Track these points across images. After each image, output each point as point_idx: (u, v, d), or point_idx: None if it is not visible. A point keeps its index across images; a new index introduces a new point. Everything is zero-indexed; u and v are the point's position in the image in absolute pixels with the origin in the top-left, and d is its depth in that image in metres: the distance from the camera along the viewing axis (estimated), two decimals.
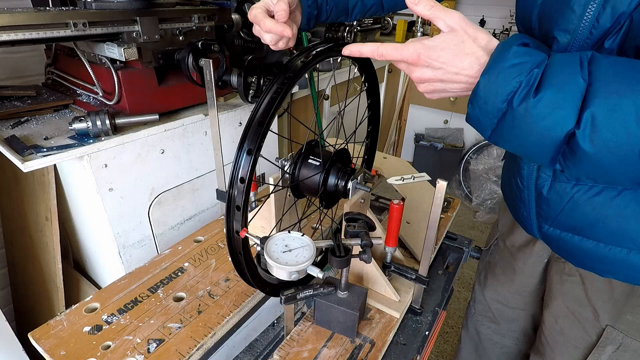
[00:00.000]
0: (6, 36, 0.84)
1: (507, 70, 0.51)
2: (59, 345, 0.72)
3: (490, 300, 1.11)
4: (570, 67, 0.49)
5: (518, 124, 0.52)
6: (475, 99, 0.54)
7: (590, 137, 0.47)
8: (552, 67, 0.50)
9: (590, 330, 0.82)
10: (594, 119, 0.47)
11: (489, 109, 0.53)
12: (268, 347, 0.86)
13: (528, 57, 0.51)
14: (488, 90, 0.52)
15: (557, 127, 0.49)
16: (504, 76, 0.51)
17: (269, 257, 0.64)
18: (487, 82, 0.52)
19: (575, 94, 0.48)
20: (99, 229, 1.16)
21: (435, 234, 0.77)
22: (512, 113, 0.51)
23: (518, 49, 0.51)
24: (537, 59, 0.51)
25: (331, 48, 0.71)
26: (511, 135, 0.53)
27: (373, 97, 0.94)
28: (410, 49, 0.56)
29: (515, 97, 0.50)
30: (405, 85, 3.15)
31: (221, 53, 1.16)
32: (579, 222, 0.72)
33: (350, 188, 0.79)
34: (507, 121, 0.52)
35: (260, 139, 0.61)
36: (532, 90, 0.49)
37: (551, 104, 0.49)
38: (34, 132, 1.04)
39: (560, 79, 0.49)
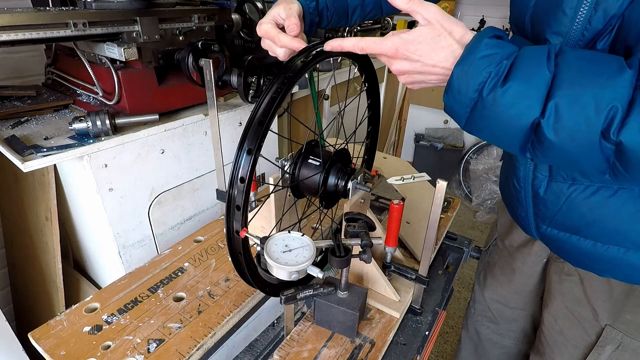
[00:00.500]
0: (6, 36, 0.84)
1: (478, 61, 0.52)
2: (59, 345, 0.72)
3: (489, 300, 1.11)
4: (538, 59, 0.51)
5: (487, 113, 0.54)
6: (450, 90, 0.56)
7: (554, 126, 0.49)
8: (520, 59, 0.52)
9: (589, 329, 0.82)
10: (557, 108, 0.49)
11: (462, 98, 0.55)
12: (268, 347, 0.86)
13: (499, 49, 0.53)
14: (461, 81, 0.54)
15: (523, 116, 0.51)
16: (475, 67, 0.53)
17: (269, 257, 0.64)
18: (460, 72, 0.54)
19: (540, 84, 0.50)
20: (99, 229, 1.16)
21: (435, 234, 0.77)
22: (482, 102, 0.53)
23: (489, 41, 0.53)
24: (507, 51, 0.52)
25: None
26: (482, 123, 0.55)
27: (373, 97, 0.94)
28: (389, 43, 0.58)
29: (485, 87, 0.52)
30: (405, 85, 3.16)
31: (221, 53, 1.16)
32: (576, 222, 0.72)
33: (350, 188, 0.79)
34: (478, 110, 0.54)
35: (260, 139, 0.61)
36: (500, 81, 0.51)
37: (517, 94, 0.51)
38: (34, 132, 1.04)
39: (528, 70, 0.51)
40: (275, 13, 0.76)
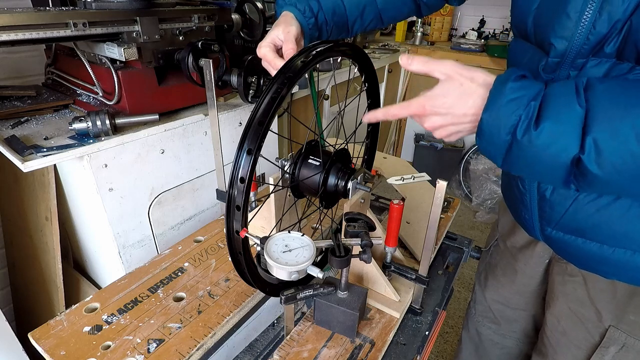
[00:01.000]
0: (6, 36, 0.84)
1: (506, 105, 0.53)
2: (59, 345, 0.72)
3: (490, 300, 1.11)
4: (567, 96, 0.52)
5: (525, 154, 0.54)
6: (481, 134, 0.57)
7: (596, 161, 0.49)
8: (549, 98, 0.52)
9: (593, 330, 0.81)
10: (596, 143, 0.49)
11: (496, 141, 0.56)
12: (268, 347, 0.85)
13: (524, 90, 0.53)
14: (491, 126, 0.55)
15: (562, 153, 0.51)
16: (504, 111, 0.53)
17: (269, 257, 0.64)
18: (489, 117, 0.55)
19: (574, 121, 0.50)
20: (99, 229, 1.16)
21: (435, 234, 0.77)
22: (517, 144, 0.54)
23: (514, 84, 0.54)
24: (533, 92, 0.53)
25: (331, 48, 0.71)
26: (521, 163, 0.56)
27: (373, 97, 0.94)
28: (415, 104, 0.62)
29: (518, 130, 0.53)
30: (405, 85, 3.15)
31: (221, 53, 1.16)
32: (582, 224, 0.71)
33: (350, 188, 0.79)
34: (514, 151, 0.55)
35: (260, 139, 0.61)
36: (533, 122, 0.52)
37: (552, 134, 0.51)
38: (34, 132, 1.04)
39: (558, 108, 0.51)
40: (274, 35, 0.78)
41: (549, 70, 0.64)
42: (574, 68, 0.61)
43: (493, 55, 2.71)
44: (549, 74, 0.65)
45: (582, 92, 0.51)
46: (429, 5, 0.97)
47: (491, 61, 2.72)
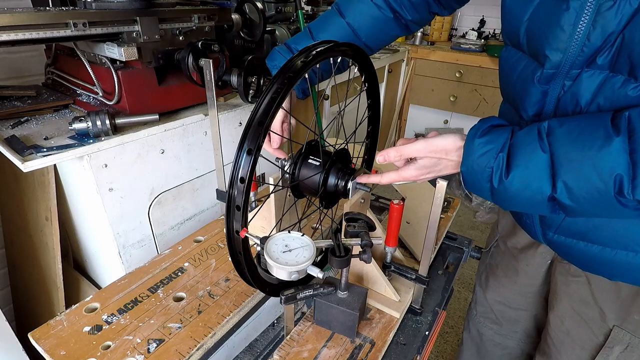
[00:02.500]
0: (6, 36, 0.84)
1: (478, 159, 0.61)
2: (59, 345, 0.72)
3: (492, 301, 1.11)
4: (530, 144, 0.57)
5: (505, 197, 0.61)
6: (465, 183, 0.65)
7: (569, 198, 0.55)
8: (515, 147, 0.59)
9: (597, 330, 0.81)
10: (566, 184, 0.55)
11: (478, 188, 0.63)
12: (268, 347, 0.85)
13: (492, 144, 0.60)
14: (470, 176, 0.63)
15: (538, 195, 0.57)
16: (478, 165, 0.61)
17: (269, 257, 0.64)
18: (466, 171, 0.63)
19: (541, 165, 0.56)
20: (99, 229, 1.16)
21: (435, 234, 0.77)
22: (496, 190, 0.61)
23: (480, 139, 0.61)
24: (499, 144, 0.60)
25: (331, 48, 0.71)
26: (507, 203, 0.62)
27: (373, 97, 0.93)
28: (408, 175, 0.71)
29: (493, 180, 0.60)
30: (405, 85, 3.16)
31: (221, 53, 1.16)
32: (583, 227, 0.72)
33: (350, 188, 0.79)
34: (496, 195, 0.62)
35: (260, 139, 0.61)
36: (504, 172, 0.59)
37: (523, 180, 0.57)
38: (34, 132, 1.04)
39: (524, 157, 0.57)
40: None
41: (544, 81, 0.66)
42: (568, 78, 0.63)
43: (493, 55, 2.71)
44: (544, 85, 0.66)
45: (544, 137, 0.57)
46: (417, 22, 0.98)
47: (491, 61, 2.72)
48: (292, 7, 1.83)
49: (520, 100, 0.72)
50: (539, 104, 0.68)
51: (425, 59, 3.02)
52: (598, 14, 0.55)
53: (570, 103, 0.64)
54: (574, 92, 0.63)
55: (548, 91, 0.66)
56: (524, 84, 0.70)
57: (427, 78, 3.08)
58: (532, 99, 0.69)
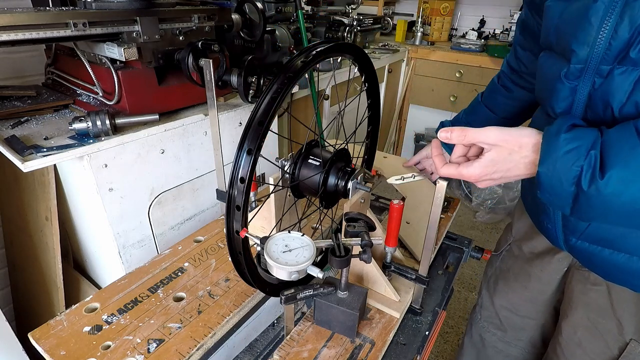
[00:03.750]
0: (6, 36, 0.84)
1: (563, 157, 0.53)
2: (59, 345, 0.72)
3: (498, 306, 1.08)
4: (628, 140, 0.50)
5: (595, 203, 0.52)
6: (541, 187, 0.57)
7: None
8: (610, 144, 0.51)
9: (612, 343, 0.78)
10: None
11: (559, 193, 0.55)
12: (268, 347, 0.85)
13: (580, 140, 0.53)
14: (551, 178, 0.54)
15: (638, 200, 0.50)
16: (563, 163, 0.53)
17: (269, 257, 0.64)
18: (546, 171, 0.55)
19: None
20: (99, 229, 1.16)
21: (435, 234, 0.77)
22: (584, 195, 0.52)
23: (567, 135, 0.53)
24: (589, 141, 0.52)
25: (331, 48, 0.71)
26: (593, 212, 0.54)
27: (373, 97, 0.94)
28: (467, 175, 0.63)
29: (582, 181, 0.52)
30: (405, 85, 3.15)
31: (221, 53, 1.16)
32: (609, 234, 0.68)
33: (350, 188, 0.79)
34: (582, 202, 0.53)
35: (260, 139, 0.61)
36: (597, 172, 0.51)
37: (622, 181, 0.50)
38: (34, 132, 1.04)
39: (623, 154, 0.50)
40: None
41: (571, 77, 0.63)
42: (599, 75, 0.60)
43: (493, 55, 2.71)
44: (571, 81, 0.63)
45: None
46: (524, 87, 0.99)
47: (491, 61, 2.72)
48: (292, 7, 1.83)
49: (548, 97, 0.70)
50: (566, 100, 0.65)
51: (425, 59, 3.02)
52: (626, 5, 0.54)
53: (601, 102, 0.61)
54: (605, 90, 0.60)
55: (577, 89, 0.63)
56: (552, 81, 0.67)
57: (427, 78, 3.07)
58: (560, 95, 0.66)
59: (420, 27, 3.14)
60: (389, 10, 3.60)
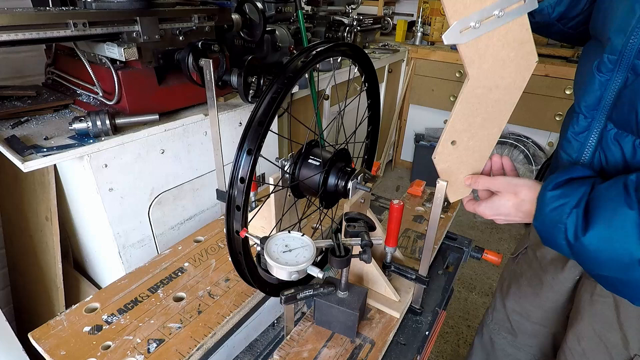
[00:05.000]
0: (6, 36, 0.84)
1: (550, 214, 0.56)
2: (59, 345, 0.72)
3: (510, 310, 1.07)
4: (614, 199, 0.51)
5: (585, 256, 0.55)
6: (541, 237, 0.61)
7: None
8: (596, 202, 0.52)
9: (616, 357, 0.77)
10: None
11: (554, 244, 0.58)
12: (268, 347, 0.85)
13: (566, 198, 0.55)
14: (544, 232, 0.59)
15: (624, 257, 0.50)
16: (549, 220, 0.56)
17: (269, 257, 0.64)
18: (539, 226, 0.59)
19: (627, 225, 0.49)
20: (99, 229, 1.16)
21: (435, 233, 0.77)
22: (573, 248, 0.55)
23: (553, 192, 0.56)
24: (575, 198, 0.54)
25: (331, 48, 0.71)
26: (588, 263, 0.56)
27: (373, 97, 0.94)
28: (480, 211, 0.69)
29: (569, 236, 0.54)
30: (405, 85, 3.15)
31: (221, 53, 1.16)
32: None
33: (350, 188, 0.79)
34: (575, 254, 0.56)
35: (260, 139, 0.62)
36: (579, 230, 0.53)
37: (604, 239, 0.51)
38: (34, 132, 1.04)
39: (606, 214, 0.51)
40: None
41: (603, 68, 0.60)
42: (633, 72, 0.56)
43: None
44: (602, 74, 0.60)
45: (632, 191, 0.50)
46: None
47: None
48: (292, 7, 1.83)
49: (579, 89, 0.67)
50: (594, 94, 0.62)
51: (426, 59, 3.02)
52: None
53: (629, 103, 0.57)
54: (636, 89, 0.56)
55: (608, 83, 0.60)
56: (586, 71, 0.65)
57: (427, 78, 3.07)
58: (589, 87, 0.63)
59: (420, 27, 3.14)
60: (389, 10, 3.60)
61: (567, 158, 0.71)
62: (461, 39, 0.54)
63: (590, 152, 0.66)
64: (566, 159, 0.71)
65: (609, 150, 0.63)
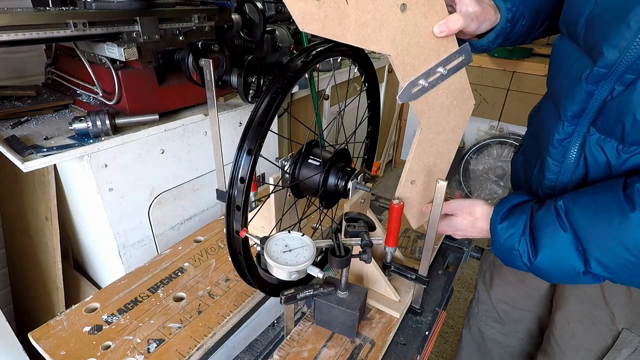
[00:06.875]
0: (6, 36, 0.84)
1: (504, 244, 0.65)
2: (59, 345, 0.72)
3: (496, 300, 1.09)
4: (550, 225, 0.60)
5: (541, 274, 0.64)
6: (502, 261, 0.69)
7: (604, 271, 0.57)
8: (536, 230, 0.62)
9: (605, 333, 0.80)
10: (598, 261, 0.56)
11: (515, 266, 0.66)
12: (268, 347, 0.85)
13: (512, 228, 0.64)
14: (504, 258, 0.67)
15: (571, 272, 0.59)
16: (505, 248, 0.66)
17: (269, 257, 0.64)
18: (498, 253, 0.68)
19: (566, 246, 0.58)
20: (99, 229, 1.16)
21: (435, 233, 0.77)
22: (531, 269, 0.64)
23: (502, 225, 0.66)
24: (520, 227, 0.64)
25: (331, 48, 0.71)
26: (546, 278, 0.65)
27: (373, 97, 0.94)
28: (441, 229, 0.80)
29: (524, 261, 0.64)
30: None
31: (221, 53, 1.16)
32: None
33: (350, 188, 0.79)
34: (533, 271, 0.65)
35: (260, 139, 0.62)
36: (531, 254, 0.62)
37: (552, 260, 0.60)
38: (34, 132, 1.04)
39: (548, 238, 0.60)
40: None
41: (592, 80, 0.60)
42: (620, 83, 0.57)
43: (493, 56, 2.71)
44: (591, 85, 0.60)
45: (563, 216, 0.59)
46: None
47: (491, 61, 2.72)
48: None
49: (563, 97, 0.67)
50: (580, 104, 0.63)
51: None
52: None
53: (615, 114, 0.58)
54: (624, 100, 0.57)
55: (594, 93, 0.60)
56: (571, 80, 0.65)
57: None
58: (575, 98, 0.63)
59: None
60: None
61: (552, 163, 0.71)
62: (413, 97, 0.65)
63: (575, 156, 0.68)
64: (552, 163, 0.71)
65: (592, 154, 0.66)
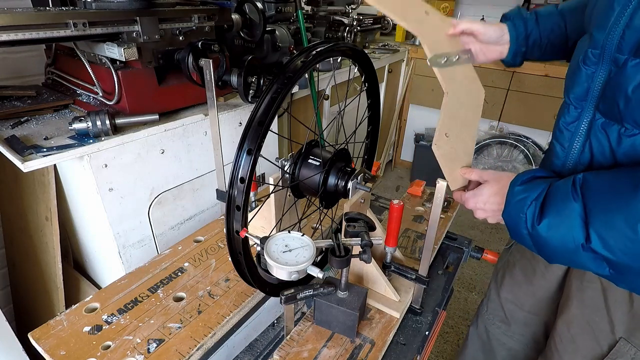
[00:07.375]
0: (6, 36, 0.84)
1: (514, 206, 0.65)
2: (59, 345, 0.72)
3: (504, 300, 1.09)
4: (564, 193, 0.60)
5: (540, 244, 0.63)
6: (508, 230, 0.68)
7: (604, 247, 0.56)
8: (550, 196, 0.62)
9: (602, 341, 0.79)
10: (599, 235, 0.56)
11: (518, 234, 0.66)
12: (268, 347, 0.85)
13: (528, 192, 0.64)
14: (509, 222, 0.67)
15: (570, 243, 0.59)
16: (514, 210, 0.65)
17: (269, 257, 0.64)
18: (506, 217, 0.67)
19: (572, 214, 0.58)
20: (99, 229, 1.16)
21: (435, 233, 0.77)
22: (532, 237, 0.64)
23: (519, 187, 0.65)
24: (536, 193, 0.63)
25: (331, 48, 0.71)
26: (544, 251, 0.64)
27: (373, 97, 0.94)
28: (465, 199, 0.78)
29: (528, 226, 0.63)
30: (405, 85, 3.15)
31: (221, 53, 1.16)
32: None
33: (350, 188, 0.79)
34: (535, 241, 0.64)
35: (260, 139, 0.62)
36: (536, 219, 0.62)
37: (553, 226, 0.60)
38: (34, 132, 1.04)
39: (557, 205, 0.60)
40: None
41: (588, 62, 0.65)
42: (615, 64, 0.61)
43: None
44: (588, 67, 0.65)
45: (578, 188, 0.59)
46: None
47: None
48: (292, 7, 1.83)
49: (569, 80, 0.72)
50: (582, 85, 0.67)
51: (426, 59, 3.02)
52: None
53: (612, 94, 0.62)
54: (617, 80, 0.60)
55: (594, 76, 0.65)
56: (575, 64, 0.70)
57: (427, 78, 3.07)
58: (577, 79, 0.68)
59: None
60: None
61: (559, 147, 0.74)
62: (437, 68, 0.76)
63: (581, 141, 0.70)
64: (559, 148, 0.74)
65: (597, 139, 0.67)
